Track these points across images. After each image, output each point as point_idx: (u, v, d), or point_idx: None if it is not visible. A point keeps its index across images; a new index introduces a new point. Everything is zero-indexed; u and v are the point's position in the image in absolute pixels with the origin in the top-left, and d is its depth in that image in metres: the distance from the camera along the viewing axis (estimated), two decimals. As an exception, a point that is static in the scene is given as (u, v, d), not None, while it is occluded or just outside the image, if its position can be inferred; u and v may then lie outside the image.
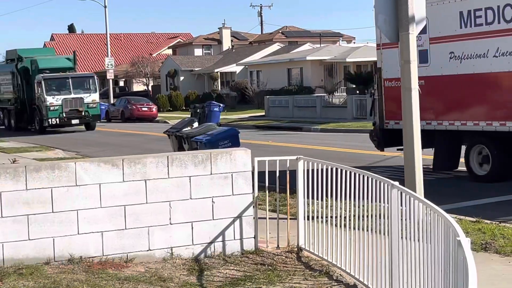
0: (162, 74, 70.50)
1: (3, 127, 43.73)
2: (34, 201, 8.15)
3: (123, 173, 8.49)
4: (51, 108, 37.24)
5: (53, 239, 8.26)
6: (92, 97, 38.43)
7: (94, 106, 38.48)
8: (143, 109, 48.50)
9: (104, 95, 60.16)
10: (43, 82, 37.29)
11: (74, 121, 38.08)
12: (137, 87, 74.88)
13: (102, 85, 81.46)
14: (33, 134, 37.67)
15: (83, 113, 37.88)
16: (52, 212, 8.21)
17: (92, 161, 8.55)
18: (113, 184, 8.45)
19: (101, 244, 8.45)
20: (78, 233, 8.35)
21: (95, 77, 40.16)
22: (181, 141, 19.99)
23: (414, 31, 10.51)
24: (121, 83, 79.58)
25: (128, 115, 48.22)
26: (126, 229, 8.54)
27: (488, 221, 10.63)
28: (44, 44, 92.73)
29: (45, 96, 37.14)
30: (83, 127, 39.32)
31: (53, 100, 37.26)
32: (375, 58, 17.56)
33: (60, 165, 8.34)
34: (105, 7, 57.26)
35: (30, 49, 43.27)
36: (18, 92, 40.75)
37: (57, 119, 37.42)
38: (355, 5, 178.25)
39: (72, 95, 37.62)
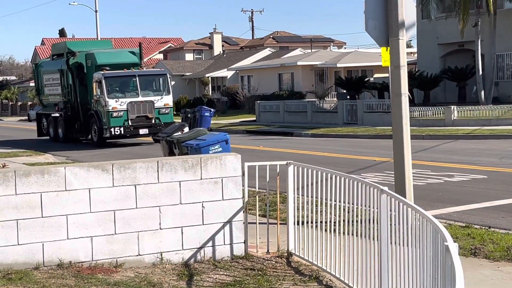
0: (153, 79, 70.28)
1: (47, 137, 35.74)
2: (24, 205, 8.12)
3: (113, 178, 8.47)
4: (114, 114, 29.25)
5: (43, 244, 8.24)
6: (165, 101, 30.45)
7: (166, 112, 30.35)
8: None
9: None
10: (104, 82, 29.34)
11: (142, 131, 29.76)
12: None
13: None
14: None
15: (153, 121, 29.77)
16: (42, 217, 8.19)
17: (81, 166, 8.54)
18: (103, 189, 8.43)
19: (91, 249, 8.43)
20: (68, 238, 8.33)
21: (168, 75, 31.91)
22: (172, 146, 19.96)
23: (404, 36, 10.56)
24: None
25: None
26: (115, 234, 8.52)
27: (478, 226, 10.66)
28: (35, 48, 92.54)
29: (106, 99, 29.27)
30: (150, 138, 30.74)
31: (117, 104, 29.39)
32: (365, 63, 17.59)
33: (49, 170, 8.32)
34: (96, 11, 57.17)
35: (83, 41, 36.96)
36: (68, 94, 33.10)
37: (121, 129, 29.32)
38: (346, 10, 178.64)
39: (140, 98, 29.73)
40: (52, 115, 34.65)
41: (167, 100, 30.49)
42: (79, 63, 32.12)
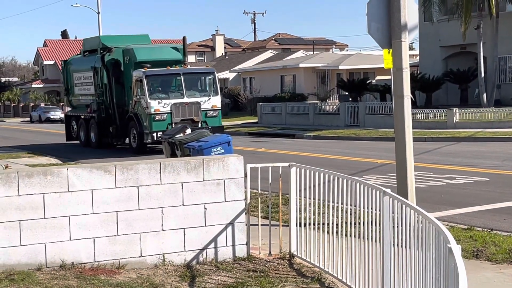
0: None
1: (77, 142, 32.51)
2: (26, 206, 8.13)
3: (115, 179, 8.48)
4: (157, 117, 26.04)
5: (45, 245, 8.25)
6: (212, 102, 26.98)
7: (214, 114, 27.01)
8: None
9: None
10: (145, 80, 26.18)
11: None
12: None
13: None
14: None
15: (199, 125, 26.26)
16: (44, 218, 8.20)
17: (84, 167, 8.55)
18: (105, 190, 8.44)
19: (93, 250, 8.43)
20: (70, 239, 8.34)
21: (216, 73, 28.36)
22: (174, 148, 19.98)
23: (406, 39, 10.57)
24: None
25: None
26: (118, 235, 8.53)
27: (480, 229, 10.66)
28: (37, 50, 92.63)
29: (148, 100, 26.08)
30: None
31: (159, 106, 26.19)
32: (368, 66, 17.53)
33: (52, 171, 8.33)
34: (98, 13, 57.21)
35: (118, 36, 31.34)
36: (103, 94, 29.58)
37: None
38: (348, 12, 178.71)
39: (185, 99, 26.49)
40: (83, 117, 31.51)
41: (215, 101, 27.05)
42: (115, 60, 28.72)
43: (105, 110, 29.54)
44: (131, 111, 27.59)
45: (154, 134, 25.71)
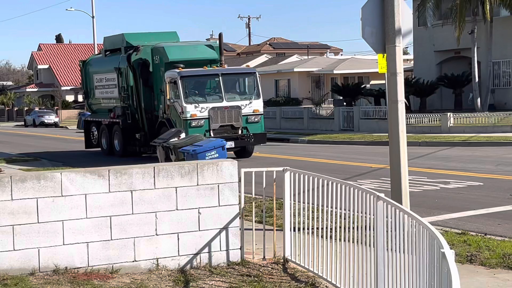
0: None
1: (99, 149, 29.54)
2: (20, 211, 8.11)
3: (109, 184, 8.46)
4: (193, 123, 23.32)
5: (38, 250, 8.22)
6: (254, 106, 24.30)
7: (256, 120, 24.31)
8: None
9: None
10: (180, 82, 23.47)
11: (227, 144, 20.89)
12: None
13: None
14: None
15: (239, 131, 23.86)
16: (38, 222, 8.18)
17: (77, 172, 8.53)
18: (99, 194, 8.42)
19: (87, 255, 8.41)
20: (64, 244, 8.31)
21: (257, 74, 25.41)
22: (168, 152, 19.97)
23: (400, 43, 10.58)
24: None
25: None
26: (111, 240, 8.51)
27: (474, 233, 10.67)
28: (32, 54, 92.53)
29: (184, 105, 23.33)
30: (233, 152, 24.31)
31: (196, 111, 23.45)
32: (362, 70, 17.47)
33: (46, 175, 8.31)
34: (92, 17, 57.25)
35: (144, 33, 28.25)
36: (128, 98, 26.61)
37: None
38: (342, 17, 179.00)
39: (225, 103, 23.93)
40: (106, 123, 28.26)
41: (257, 105, 24.38)
42: (143, 60, 25.67)
43: (131, 115, 26.60)
44: (163, 116, 24.77)
45: None
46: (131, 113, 26.62)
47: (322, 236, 8.22)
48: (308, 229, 8.55)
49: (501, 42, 39.16)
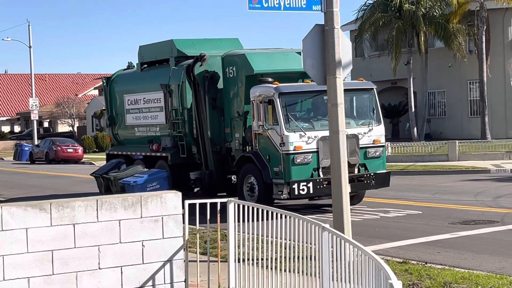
0: (88, 115, 69.85)
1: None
2: (-42, 246, 7.90)
3: (51, 217, 8.32)
4: (298, 159, 16.45)
5: (-23, 286, 8.02)
6: (374, 134, 17.75)
7: (377, 155, 17.70)
8: (68, 150, 47.69)
9: (28, 136, 58.93)
10: (279, 102, 16.68)
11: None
12: (62, 128, 73.89)
13: (26, 126, 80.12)
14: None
15: (356, 170, 17.16)
16: (-23, 258, 7.97)
17: (19, 205, 8.36)
18: (41, 228, 8.26)
19: (28, 290, 8.23)
20: (4, 279, 8.12)
21: (375, 90, 18.62)
22: (108, 183, 19.77)
23: (341, 75, 10.76)
24: (46, 124, 78.38)
25: (52, 157, 47.31)
26: (53, 274, 8.34)
27: (415, 262, 10.82)
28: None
29: (285, 133, 16.51)
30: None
31: (302, 142, 16.59)
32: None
33: (-15, 209, 8.12)
34: (30, 47, 56.59)
35: (198, 40, 21.27)
36: (184, 124, 19.82)
37: (310, 184, 16.40)
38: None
39: None
40: (138, 157, 21.70)
41: (378, 133, 17.91)
42: (210, 73, 18.88)
43: (186, 148, 19.74)
44: (243, 149, 18.00)
45: (295, 186, 16.19)
46: (186, 144, 19.75)
47: (267, 267, 8.23)
48: (253, 260, 8.55)
49: (436, 72, 40.12)
